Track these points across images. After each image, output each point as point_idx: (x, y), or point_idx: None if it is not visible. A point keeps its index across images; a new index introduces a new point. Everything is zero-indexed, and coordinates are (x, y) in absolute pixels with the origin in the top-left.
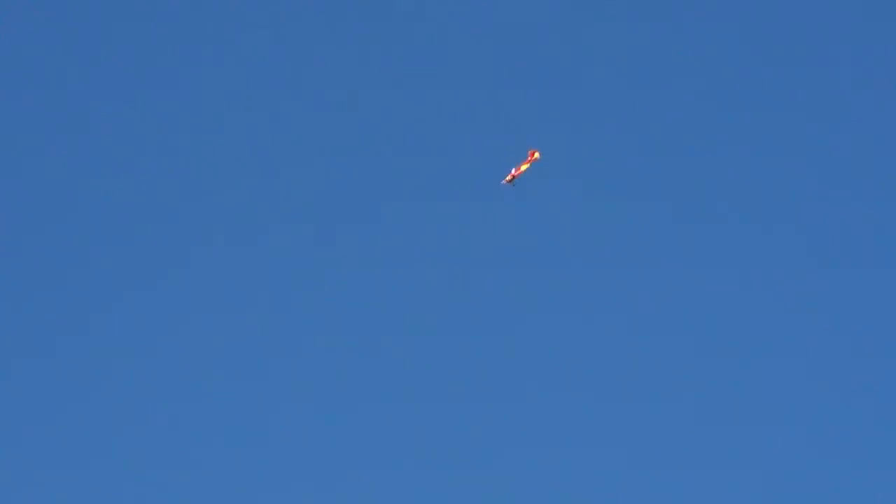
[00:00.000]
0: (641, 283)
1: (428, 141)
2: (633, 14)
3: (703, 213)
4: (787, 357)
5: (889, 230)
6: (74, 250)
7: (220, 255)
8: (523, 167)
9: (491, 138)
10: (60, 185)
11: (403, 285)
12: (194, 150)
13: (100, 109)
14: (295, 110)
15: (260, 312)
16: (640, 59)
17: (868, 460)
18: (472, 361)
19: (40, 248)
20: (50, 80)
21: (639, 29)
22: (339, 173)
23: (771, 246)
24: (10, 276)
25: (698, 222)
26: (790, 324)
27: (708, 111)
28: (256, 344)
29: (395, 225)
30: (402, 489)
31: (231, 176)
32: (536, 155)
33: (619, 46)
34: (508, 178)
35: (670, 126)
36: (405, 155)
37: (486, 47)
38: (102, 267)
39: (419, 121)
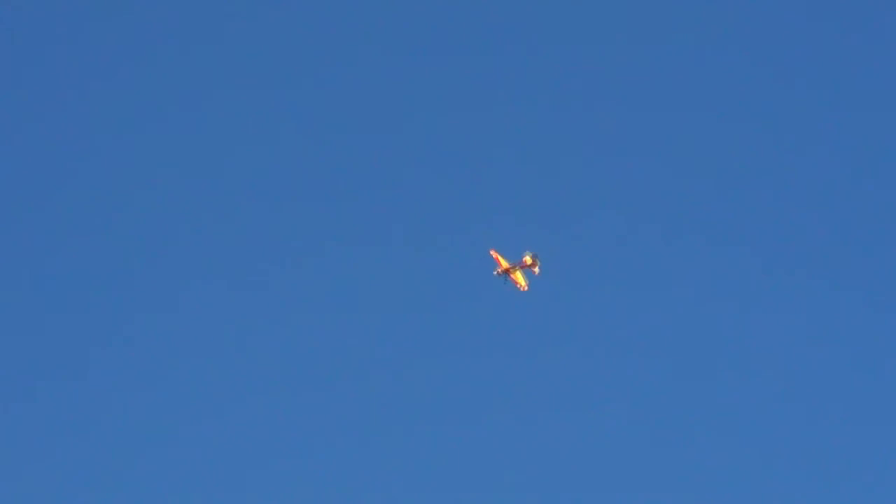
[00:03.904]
0: (642, 296)
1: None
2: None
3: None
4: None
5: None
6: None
7: (234, 268)
8: (510, 269)
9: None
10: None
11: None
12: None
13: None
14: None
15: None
16: (639, 66)
17: (866, 461)
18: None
19: (42, 250)
20: (51, 81)
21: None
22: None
23: (769, 251)
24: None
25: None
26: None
27: (707, 116)
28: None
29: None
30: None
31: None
32: (528, 261)
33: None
34: (514, 269)
35: (668, 133)
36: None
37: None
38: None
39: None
